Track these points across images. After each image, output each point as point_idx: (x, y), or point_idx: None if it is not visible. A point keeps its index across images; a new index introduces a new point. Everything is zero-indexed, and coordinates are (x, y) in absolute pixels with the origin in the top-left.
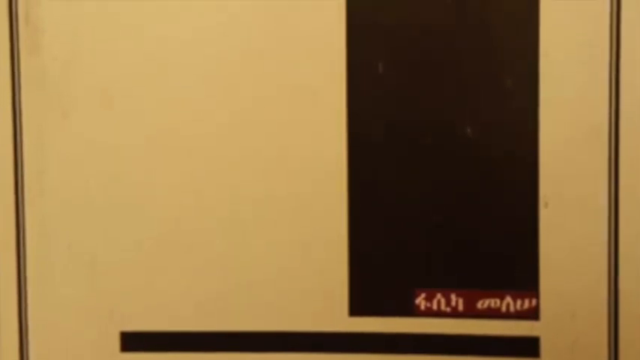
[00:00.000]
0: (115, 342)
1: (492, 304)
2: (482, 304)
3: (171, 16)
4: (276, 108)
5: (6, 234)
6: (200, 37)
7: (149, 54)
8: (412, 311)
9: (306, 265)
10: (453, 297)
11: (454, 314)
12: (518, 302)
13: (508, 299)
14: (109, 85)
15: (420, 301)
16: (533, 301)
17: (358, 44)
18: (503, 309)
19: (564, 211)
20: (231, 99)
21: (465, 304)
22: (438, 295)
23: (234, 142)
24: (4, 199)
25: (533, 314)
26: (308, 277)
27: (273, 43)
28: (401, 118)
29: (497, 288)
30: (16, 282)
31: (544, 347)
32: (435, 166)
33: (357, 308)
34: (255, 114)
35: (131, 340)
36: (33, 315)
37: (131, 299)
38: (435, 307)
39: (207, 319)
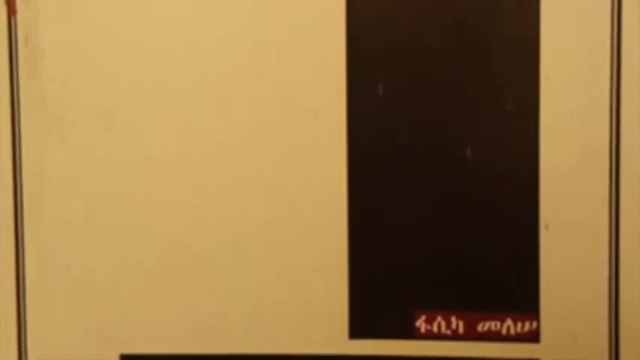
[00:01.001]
0: None
1: (493, 327)
2: (483, 327)
3: (171, 37)
4: (276, 129)
5: (5, 256)
6: (199, 58)
7: (148, 75)
8: (412, 334)
9: (306, 288)
10: (454, 319)
11: (454, 337)
12: (519, 325)
13: (508, 322)
14: (109, 107)
15: (421, 323)
16: (534, 324)
17: (358, 66)
18: (504, 332)
19: (565, 234)
20: (231, 120)
21: (466, 326)
22: (439, 318)
23: (234, 163)
24: (3, 222)
25: (533, 337)
26: (308, 300)
27: (273, 64)
28: (401, 140)
29: (498, 311)
30: (16, 304)
31: None
32: (435, 188)
33: (357, 331)
34: (255, 135)
35: None
36: (32, 337)
37: (131, 322)
38: (435, 329)
39: (207, 341)
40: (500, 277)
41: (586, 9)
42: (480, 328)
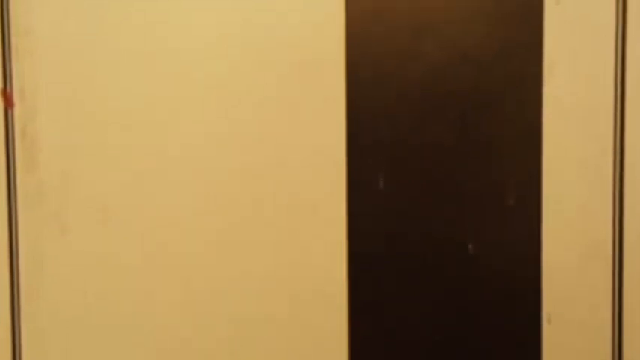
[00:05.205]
0: None
1: None
2: None
3: (169, 133)
4: (276, 223)
5: (3, 351)
6: (197, 154)
7: (146, 171)
8: None
9: None
10: None
11: None
12: None
13: None
14: (107, 200)
15: None
16: None
17: (358, 160)
18: None
19: (568, 328)
20: (229, 216)
21: None
22: None
23: (233, 258)
24: (1, 316)
25: None
26: None
27: (272, 158)
28: (402, 236)
29: None
30: None
31: None
32: (436, 283)
33: None
34: (253, 231)
35: None
36: None
37: None
38: None
39: None
40: None
41: (589, 100)
42: None
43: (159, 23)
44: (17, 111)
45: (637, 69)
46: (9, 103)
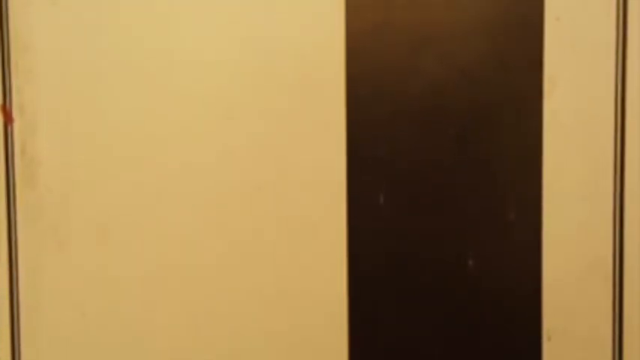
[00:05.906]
0: None
1: None
2: None
3: (169, 151)
4: (276, 241)
5: None
6: (197, 170)
7: (145, 186)
8: None
9: None
10: None
11: None
12: None
13: None
14: (107, 216)
15: None
16: None
17: (359, 176)
18: None
19: (568, 345)
20: (229, 233)
21: None
22: None
23: (233, 276)
24: (1, 336)
25: None
26: None
27: (272, 175)
28: (402, 251)
29: None
30: None
31: None
32: (436, 300)
33: None
34: (254, 247)
35: None
36: None
37: None
38: None
39: None
40: None
41: (589, 116)
42: None
43: (160, 40)
44: (17, 127)
45: (638, 85)
46: (8, 119)
